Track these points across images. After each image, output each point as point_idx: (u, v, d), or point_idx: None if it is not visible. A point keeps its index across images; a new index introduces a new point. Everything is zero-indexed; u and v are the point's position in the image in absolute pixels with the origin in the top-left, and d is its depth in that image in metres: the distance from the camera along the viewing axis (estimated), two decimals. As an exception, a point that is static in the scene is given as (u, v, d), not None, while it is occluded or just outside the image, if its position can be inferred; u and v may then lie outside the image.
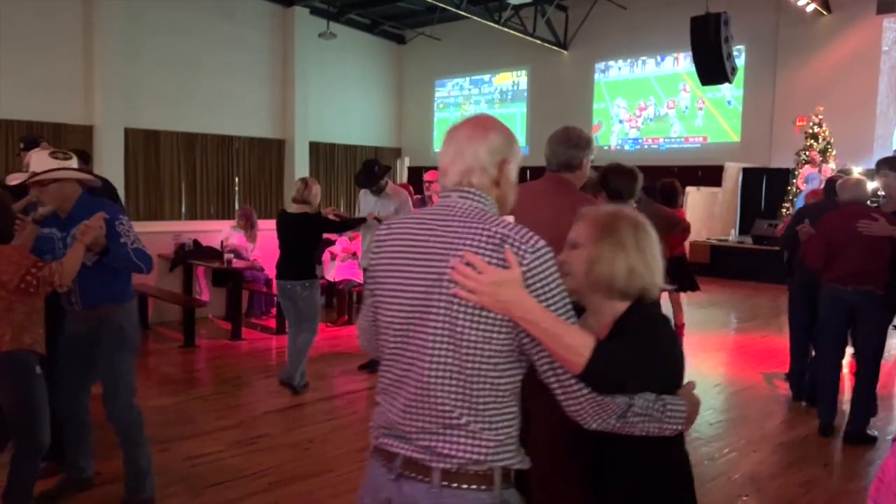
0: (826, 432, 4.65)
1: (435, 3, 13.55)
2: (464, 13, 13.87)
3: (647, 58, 15.14)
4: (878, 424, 4.79)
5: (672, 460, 1.79)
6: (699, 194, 13.15)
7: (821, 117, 11.69)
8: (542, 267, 1.52)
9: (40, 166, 3.14)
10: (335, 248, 8.19)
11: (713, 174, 13.46)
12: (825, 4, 12.63)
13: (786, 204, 11.97)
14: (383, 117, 18.94)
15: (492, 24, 14.38)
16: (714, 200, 13.43)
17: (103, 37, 13.21)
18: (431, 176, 7.86)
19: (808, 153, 11.66)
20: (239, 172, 15.95)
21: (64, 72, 13.05)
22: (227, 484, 3.75)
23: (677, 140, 14.88)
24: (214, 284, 8.06)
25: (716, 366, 6.53)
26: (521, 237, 1.52)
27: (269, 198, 16.32)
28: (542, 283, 1.51)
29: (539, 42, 15.53)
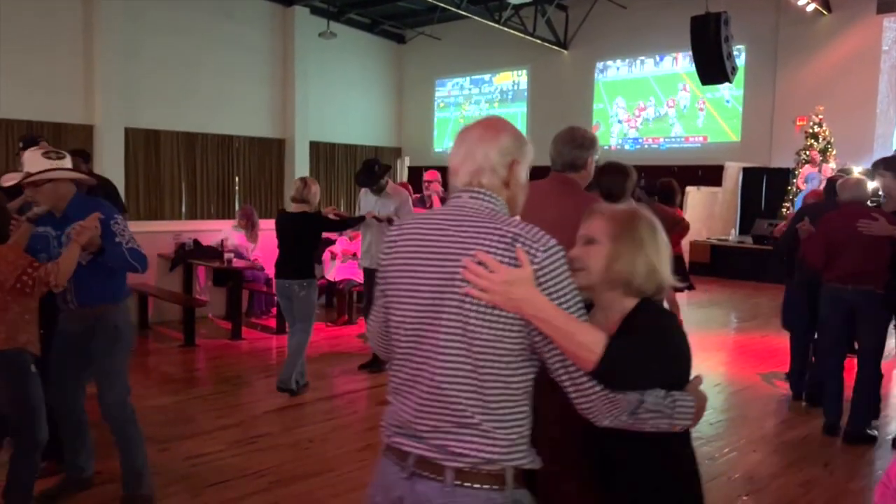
0: (831, 431, 4.64)
1: (435, 2, 13.54)
2: (464, 13, 13.87)
3: (645, 58, 15.14)
4: (877, 424, 4.78)
5: (680, 457, 1.81)
6: (699, 194, 13.14)
7: (821, 117, 11.69)
8: (553, 265, 1.53)
9: (34, 166, 3.14)
10: (335, 248, 8.19)
11: (713, 174, 13.46)
12: (825, 4, 12.63)
13: (786, 204, 11.97)
14: (383, 117, 18.94)
15: (492, 24, 14.37)
16: (714, 200, 13.43)
17: (103, 36, 13.21)
18: (430, 175, 7.88)
19: (808, 153, 11.66)
20: (239, 172, 15.95)
21: (64, 71, 13.05)
22: (227, 483, 3.75)
23: (677, 140, 14.88)
24: (215, 284, 8.06)
25: (716, 365, 6.53)
26: (532, 236, 1.53)
27: (269, 197, 16.33)
28: (554, 281, 1.53)
29: (539, 42, 15.53)
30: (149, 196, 14.48)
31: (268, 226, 6.15)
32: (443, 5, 13.67)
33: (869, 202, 5.01)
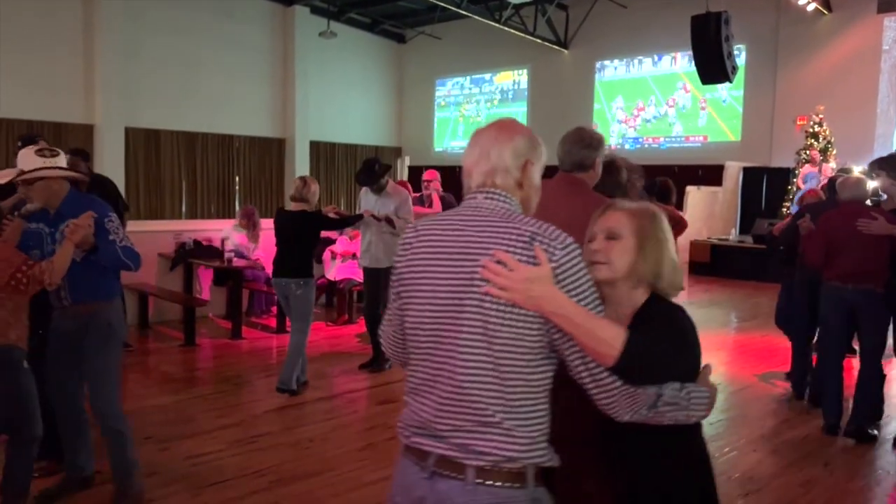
0: (831, 431, 4.63)
1: (435, 2, 13.54)
2: (464, 12, 13.87)
3: (643, 57, 15.15)
4: (879, 424, 4.77)
5: (694, 448, 1.83)
6: (700, 194, 13.14)
7: (821, 116, 11.67)
8: (571, 262, 1.55)
9: (27, 164, 3.15)
10: (336, 248, 8.19)
11: (714, 173, 13.45)
12: (826, 3, 12.63)
13: (786, 203, 11.96)
14: (384, 116, 18.94)
15: (492, 24, 14.37)
16: (714, 200, 13.42)
17: (104, 36, 13.22)
18: (430, 175, 7.87)
19: (808, 152, 11.64)
20: (239, 171, 15.96)
21: (64, 71, 13.06)
22: (227, 483, 3.75)
23: (678, 139, 14.88)
24: (215, 283, 8.06)
25: (716, 365, 6.52)
26: (549, 234, 1.55)
27: (269, 197, 16.33)
28: (573, 278, 1.54)
29: (539, 41, 15.53)
30: (149, 195, 14.48)
31: (269, 225, 6.16)
32: (443, 5, 13.67)
33: (869, 201, 5.01)
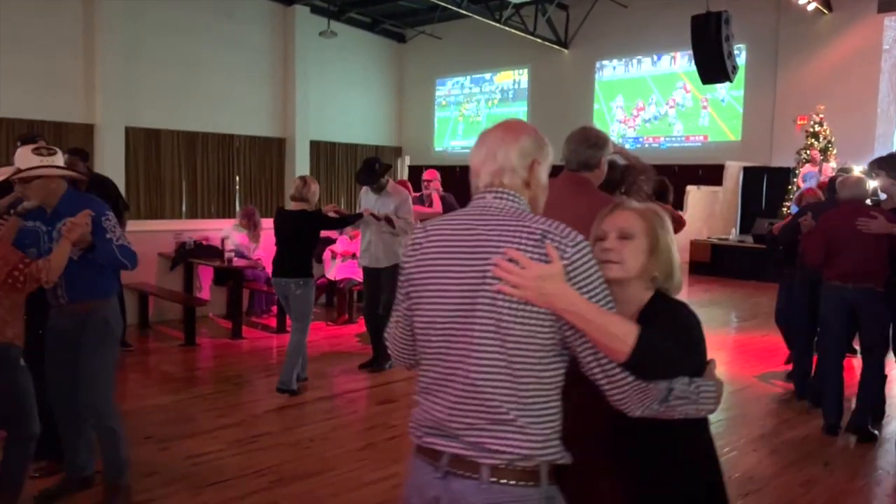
0: (832, 431, 4.62)
1: (436, 1, 13.54)
2: (464, 12, 13.86)
3: (642, 57, 15.15)
4: (880, 424, 4.77)
5: (702, 444, 1.85)
6: (700, 193, 13.14)
7: (821, 116, 11.67)
8: (582, 259, 1.56)
9: (24, 163, 3.15)
10: (336, 247, 8.19)
11: (714, 173, 13.45)
12: (826, 3, 12.62)
13: (786, 203, 11.95)
14: (384, 116, 18.94)
15: (492, 23, 14.37)
16: (715, 199, 13.42)
17: (104, 36, 13.22)
18: (430, 175, 7.87)
19: (808, 152, 11.64)
20: (240, 171, 15.96)
21: (65, 71, 13.06)
22: (227, 482, 3.75)
23: (678, 139, 14.88)
24: (215, 283, 8.06)
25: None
26: (560, 232, 1.57)
27: (269, 196, 16.33)
28: (584, 275, 1.56)
29: (540, 41, 15.53)
30: (149, 195, 14.49)
31: (270, 225, 6.16)
32: (443, 4, 13.66)
33: (868, 201, 5.01)
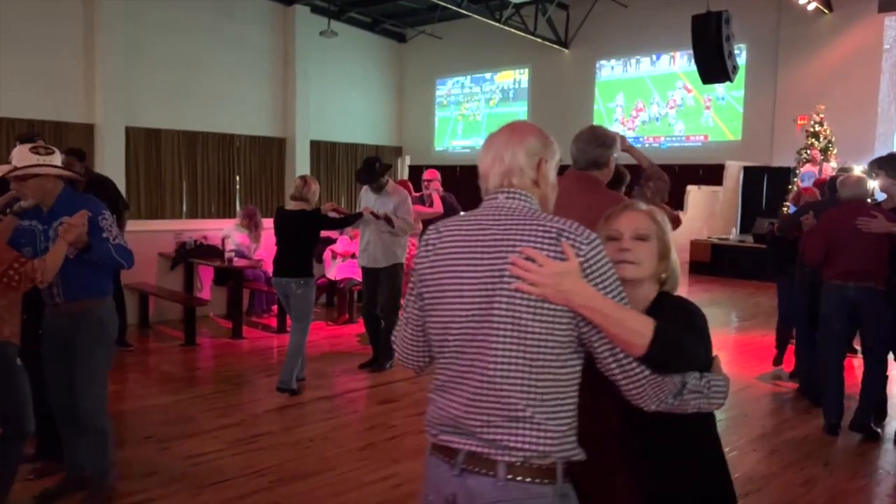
0: (832, 431, 4.62)
1: (436, 1, 13.54)
2: (465, 12, 13.86)
3: (641, 57, 15.15)
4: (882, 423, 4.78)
5: (711, 437, 1.88)
6: (700, 193, 13.14)
7: (822, 116, 11.66)
8: (597, 257, 1.59)
9: (21, 161, 3.15)
10: (336, 247, 8.19)
11: (714, 173, 13.45)
12: (826, 3, 12.62)
13: (786, 203, 11.95)
14: (384, 116, 18.94)
15: (493, 23, 14.37)
16: (715, 199, 13.42)
17: (104, 36, 13.22)
18: (430, 175, 7.87)
19: (809, 152, 11.64)
20: (240, 171, 15.96)
21: (65, 70, 13.06)
22: (227, 482, 3.75)
23: (678, 139, 14.88)
24: (216, 283, 8.06)
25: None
26: (575, 230, 1.59)
27: (270, 196, 16.33)
28: (599, 271, 1.59)
29: (540, 41, 15.53)
30: (149, 195, 14.49)
31: (270, 225, 6.16)
32: (444, 4, 13.66)
33: (869, 200, 5.01)
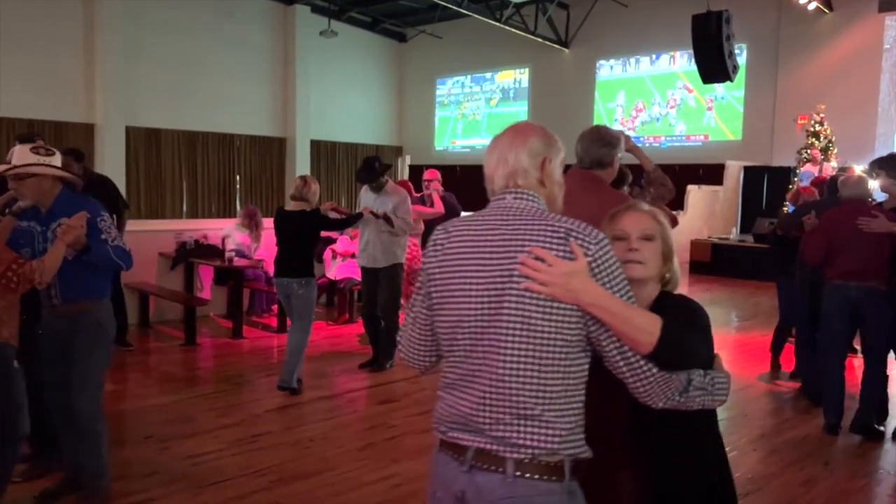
0: (832, 431, 4.62)
1: (436, 1, 13.54)
2: (465, 11, 13.87)
3: (642, 56, 15.16)
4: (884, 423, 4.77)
5: (714, 435, 1.90)
6: (700, 193, 13.13)
7: (822, 115, 11.65)
8: (605, 256, 1.61)
9: (20, 160, 3.14)
10: (336, 247, 8.19)
11: (714, 172, 13.45)
12: (827, 3, 12.62)
13: (787, 203, 11.94)
14: (384, 115, 18.94)
15: (493, 23, 14.38)
16: (715, 199, 13.42)
17: (104, 35, 13.23)
18: (430, 174, 7.87)
19: (809, 152, 11.64)
20: (240, 171, 15.97)
21: (65, 70, 13.07)
22: (227, 482, 3.75)
23: (679, 138, 14.87)
24: (216, 283, 8.06)
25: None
26: (583, 230, 1.61)
27: (270, 196, 16.34)
28: (608, 271, 1.61)
29: (540, 40, 15.53)
30: (150, 195, 14.50)
31: (271, 225, 6.18)
32: (444, 4, 13.67)
33: (870, 199, 5.00)
